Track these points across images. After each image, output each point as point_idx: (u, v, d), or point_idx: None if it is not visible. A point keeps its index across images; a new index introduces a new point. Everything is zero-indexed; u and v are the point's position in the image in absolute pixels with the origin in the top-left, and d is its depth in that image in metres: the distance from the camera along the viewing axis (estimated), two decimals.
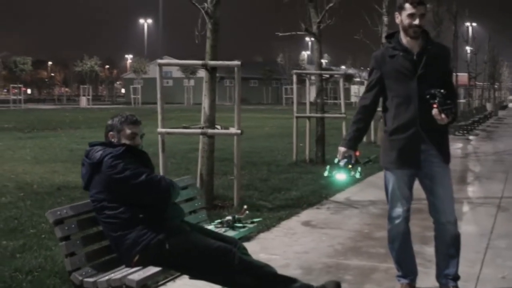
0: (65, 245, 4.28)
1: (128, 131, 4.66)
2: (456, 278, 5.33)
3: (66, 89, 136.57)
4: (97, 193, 4.50)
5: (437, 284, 5.47)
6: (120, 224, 4.46)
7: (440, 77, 5.12)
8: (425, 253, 6.61)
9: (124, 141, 4.64)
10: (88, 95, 72.74)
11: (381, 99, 5.35)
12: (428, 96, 4.91)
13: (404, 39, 5.16)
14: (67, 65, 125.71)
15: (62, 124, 30.50)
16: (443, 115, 4.86)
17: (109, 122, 4.74)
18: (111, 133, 4.70)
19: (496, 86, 72.67)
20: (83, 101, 70.82)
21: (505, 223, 8.55)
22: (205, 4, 9.19)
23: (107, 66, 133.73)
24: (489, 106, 50.99)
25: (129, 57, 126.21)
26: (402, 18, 5.11)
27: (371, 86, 5.31)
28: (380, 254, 6.81)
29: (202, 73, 9.43)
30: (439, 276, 5.39)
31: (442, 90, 4.89)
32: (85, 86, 76.83)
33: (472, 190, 11.76)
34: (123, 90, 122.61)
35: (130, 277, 4.14)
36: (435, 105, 4.87)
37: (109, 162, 4.42)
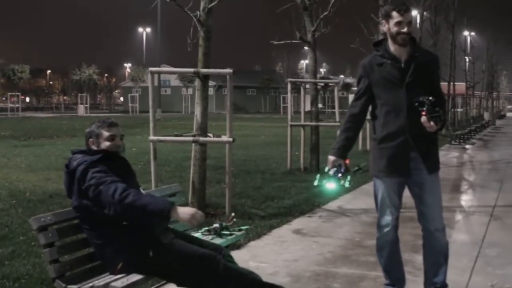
0: (49, 251, 4.25)
1: (106, 134, 4.66)
2: (443, 286, 5.31)
3: (65, 97, 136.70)
4: (76, 200, 4.49)
5: None
6: (103, 231, 4.44)
7: (428, 85, 5.11)
8: (415, 261, 6.59)
9: (104, 145, 4.64)
10: (86, 104, 72.79)
11: (370, 107, 5.34)
12: (416, 104, 4.91)
13: (392, 46, 5.15)
14: (65, 73, 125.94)
15: (59, 132, 30.50)
16: (432, 123, 4.85)
17: (87, 130, 4.77)
18: (90, 140, 4.71)
19: (494, 95, 72.72)
20: (81, 110, 70.85)
21: (497, 231, 8.53)
22: (198, 12, 9.20)
23: (106, 75, 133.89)
24: (486, 115, 51.03)
25: (127, 65, 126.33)
26: (389, 26, 5.10)
27: (359, 94, 5.31)
28: (369, 262, 6.79)
29: None
30: (427, 284, 5.38)
31: (430, 98, 4.88)
32: (83, 94, 76.89)
33: (465, 199, 11.76)
34: (121, 99, 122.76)
35: (114, 284, 4.12)
36: (423, 113, 4.86)
37: (80, 170, 4.41)
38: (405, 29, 5.04)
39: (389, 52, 5.16)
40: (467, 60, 53.59)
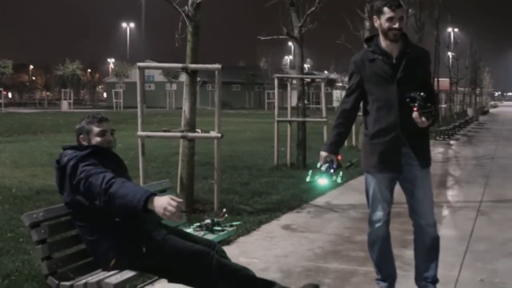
0: (41, 248, 4.23)
1: (96, 129, 4.63)
2: (435, 281, 5.34)
3: (47, 93, 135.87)
4: (68, 196, 4.46)
5: (416, 287, 5.48)
6: (96, 228, 4.42)
7: (420, 80, 5.12)
8: (404, 256, 6.63)
9: (94, 140, 4.61)
10: (70, 99, 72.37)
11: (361, 103, 5.35)
12: (408, 100, 4.91)
13: (383, 42, 5.16)
14: (48, 69, 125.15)
15: (43, 128, 30.29)
16: (423, 118, 4.87)
17: (77, 126, 4.74)
18: (81, 136, 4.68)
19: (477, 92, 73.14)
20: (65, 105, 70.43)
21: (485, 227, 8.59)
22: (186, 7, 9.16)
23: (89, 70, 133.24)
24: (470, 111, 51.24)
25: (111, 61, 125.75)
26: (381, 22, 5.10)
27: (351, 90, 5.31)
28: (359, 258, 6.81)
29: (184, 77, 9.39)
30: (418, 279, 5.39)
31: (422, 93, 4.89)
32: (67, 90, 76.43)
33: (452, 194, 11.82)
34: (105, 94, 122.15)
35: (107, 280, 4.11)
36: (415, 109, 4.88)
37: (71, 166, 4.38)
38: (396, 25, 5.04)
39: (380, 48, 5.16)
40: (450, 56, 53.88)
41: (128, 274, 4.26)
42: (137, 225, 4.42)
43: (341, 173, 5.40)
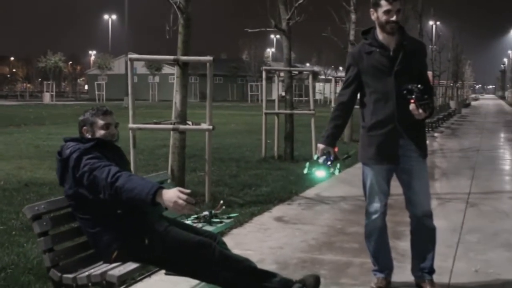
0: (44, 240, 4.21)
1: (101, 122, 4.61)
2: (431, 271, 5.40)
3: (29, 85, 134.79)
4: (70, 189, 4.44)
5: (412, 278, 5.54)
6: (97, 220, 4.40)
7: (416, 73, 5.17)
8: (398, 247, 6.67)
9: (98, 133, 4.59)
10: (52, 91, 71.90)
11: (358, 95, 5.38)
12: (405, 92, 4.96)
13: (380, 35, 5.19)
14: (29, 60, 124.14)
15: (26, 120, 30.08)
16: (420, 110, 4.92)
17: (81, 117, 4.69)
18: (84, 128, 4.65)
19: (459, 85, 73.49)
20: (47, 97, 69.95)
21: (475, 218, 8.66)
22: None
23: (70, 62, 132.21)
24: (452, 104, 51.53)
25: (92, 53, 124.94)
26: (378, 15, 5.13)
27: (348, 82, 5.34)
28: (354, 249, 6.85)
29: (167, 69, 9.45)
30: (415, 269, 5.46)
31: (419, 85, 4.95)
32: (49, 82, 75.89)
33: (440, 186, 11.89)
34: (86, 87, 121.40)
35: (111, 272, 4.10)
36: (412, 100, 4.93)
37: (74, 158, 4.35)
38: (394, 18, 5.08)
39: (377, 41, 5.19)
40: (432, 49, 54.07)
41: (131, 266, 4.26)
42: (139, 217, 4.41)
43: (338, 165, 5.44)
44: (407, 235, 5.73)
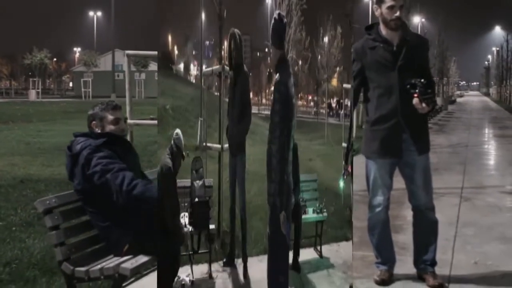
0: (55, 234, 4.24)
1: (110, 117, 4.64)
2: (433, 263, 5.48)
3: (13, 82, 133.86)
4: (79, 184, 4.46)
5: (413, 270, 5.61)
6: (107, 214, 4.43)
7: (419, 67, 5.24)
8: (398, 241, 6.71)
9: (108, 128, 4.61)
10: (38, 89, 71.46)
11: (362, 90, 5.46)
12: (408, 86, 5.03)
13: (383, 30, 5.26)
14: (14, 57, 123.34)
15: (14, 118, 29.84)
16: (423, 104, 4.99)
17: (90, 112, 4.71)
18: (93, 122, 4.67)
19: (444, 81, 73.86)
20: (33, 95, 69.43)
21: (469, 212, 8.75)
22: None
23: (55, 59, 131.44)
24: (438, 101, 51.77)
25: (77, 50, 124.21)
26: (382, 11, 5.20)
27: (352, 77, 5.41)
28: (354, 243, 6.90)
29: (153, 66, 9.43)
30: (417, 262, 5.53)
31: (422, 80, 5.02)
32: (35, 79, 75.45)
33: (433, 181, 11.91)
34: (71, 84, 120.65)
35: (124, 265, 4.13)
36: (416, 95, 4.99)
37: (85, 155, 4.37)
38: (397, 13, 5.15)
39: (381, 36, 5.26)
40: None
41: (143, 259, 4.29)
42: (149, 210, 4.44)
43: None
44: (405, 229, 5.83)
